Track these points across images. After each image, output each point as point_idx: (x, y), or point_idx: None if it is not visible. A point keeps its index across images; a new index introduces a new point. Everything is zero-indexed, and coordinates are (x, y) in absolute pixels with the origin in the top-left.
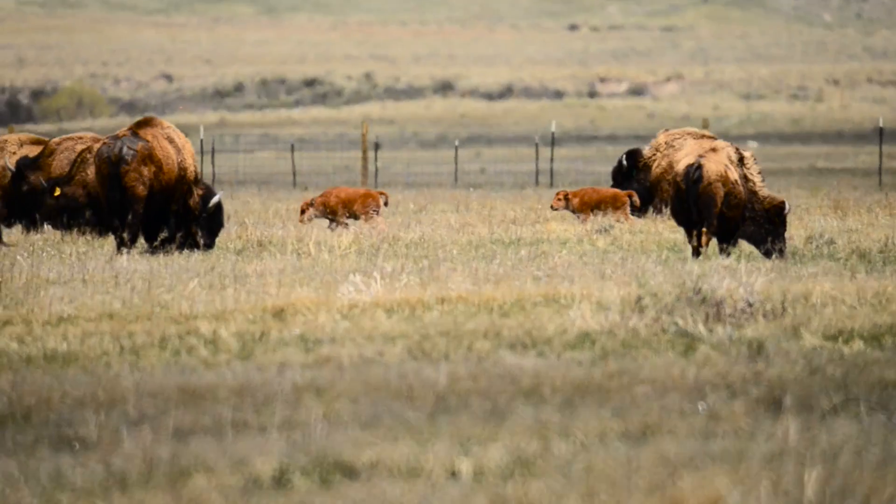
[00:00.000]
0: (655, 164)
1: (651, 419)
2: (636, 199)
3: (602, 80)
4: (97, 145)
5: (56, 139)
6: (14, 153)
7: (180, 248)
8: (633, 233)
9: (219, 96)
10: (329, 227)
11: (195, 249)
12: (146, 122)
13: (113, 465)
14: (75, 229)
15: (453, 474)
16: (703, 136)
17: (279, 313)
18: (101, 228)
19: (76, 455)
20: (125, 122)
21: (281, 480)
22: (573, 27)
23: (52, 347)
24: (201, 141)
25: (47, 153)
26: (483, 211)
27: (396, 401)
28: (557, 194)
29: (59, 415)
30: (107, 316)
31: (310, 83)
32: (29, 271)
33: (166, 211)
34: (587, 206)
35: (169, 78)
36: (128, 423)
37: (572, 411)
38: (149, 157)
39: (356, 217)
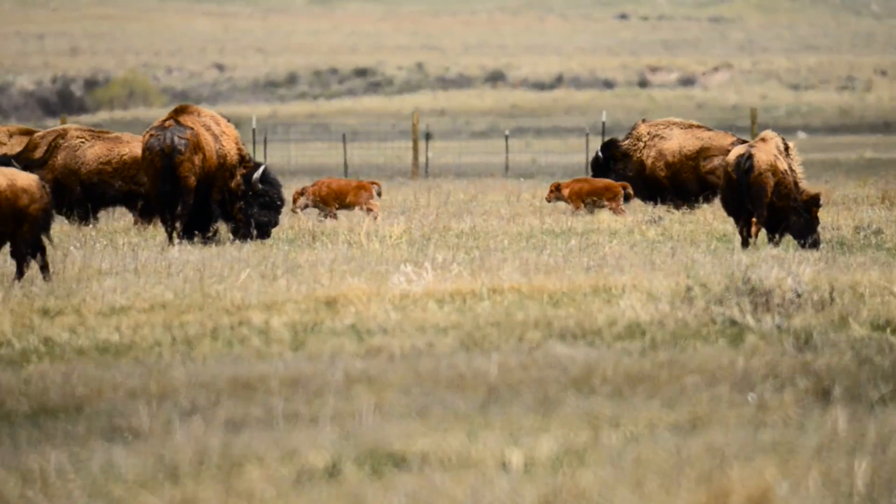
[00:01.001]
0: (641, 154)
1: (700, 409)
2: (630, 190)
3: (652, 69)
4: (79, 133)
5: (40, 133)
6: (3, 143)
7: (234, 234)
8: (683, 223)
9: (271, 86)
10: (319, 216)
11: (248, 236)
12: (184, 110)
13: (164, 456)
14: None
15: (504, 465)
16: (690, 126)
17: (331, 303)
18: (67, 213)
19: (128, 446)
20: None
21: (332, 471)
22: (623, 17)
23: (105, 338)
24: (253, 131)
25: (31, 146)
26: (534, 201)
27: (447, 391)
28: (551, 186)
29: (111, 406)
30: (159, 306)
31: (361, 73)
32: (81, 262)
33: (208, 200)
34: (578, 196)
35: (221, 68)
36: (180, 413)
37: (622, 402)
38: (197, 145)
39: (349, 208)
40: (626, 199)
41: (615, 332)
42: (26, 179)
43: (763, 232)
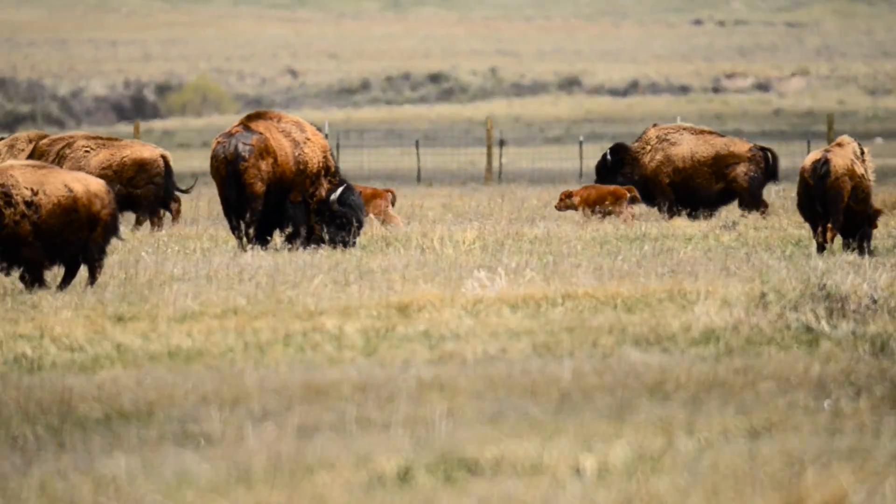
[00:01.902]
0: (648, 159)
1: (775, 416)
2: (636, 194)
3: (727, 75)
4: (85, 142)
5: (45, 140)
6: (23, 150)
7: (305, 243)
8: (758, 228)
9: (344, 92)
10: None
11: (321, 245)
12: (258, 115)
13: (237, 462)
14: None
15: (577, 471)
16: (702, 132)
17: (403, 309)
18: None
19: (200, 451)
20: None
21: (405, 477)
22: (698, 22)
23: (177, 344)
24: (326, 136)
25: (38, 155)
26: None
27: (520, 397)
28: (561, 194)
29: (184, 411)
30: (231, 312)
31: (435, 79)
32: (153, 268)
33: (283, 206)
34: (587, 203)
35: (294, 73)
36: (252, 419)
37: (696, 408)
38: (265, 150)
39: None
40: (633, 202)
41: (689, 338)
42: (97, 184)
43: (839, 237)
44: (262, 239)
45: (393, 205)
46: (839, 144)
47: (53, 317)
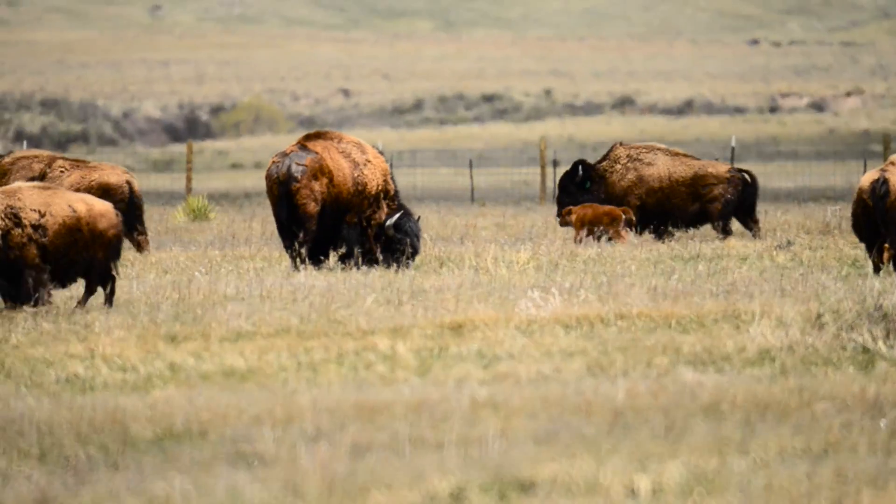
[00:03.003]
0: (618, 178)
1: (831, 436)
2: (631, 215)
3: (783, 95)
4: (56, 163)
5: (9, 158)
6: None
7: (366, 263)
8: (814, 248)
9: (397, 112)
10: None
11: (375, 265)
12: (317, 135)
13: (290, 482)
14: None
15: (632, 491)
16: (676, 154)
17: (457, 329)
18: None
19: (253, 471)
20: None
21: (458, 497)
22: (754, 42)
23: (230, 363)
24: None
25: (0, 173)
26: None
27: (574, 417)
28: (563, 211)
29: (236, 431)
30: (284, 332)
31: (488, 99)
32: (207, 287)
33: (339, 227)
34: (583, 221)
35: (347, 93)
36: (305, 439)
37: (751, 428)
38: (319, 171)
39: None
40: (629, 225)
41: (744, 359)
42: (103, 205)
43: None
44: (315, 259)
45: None
46: (892, 163)
47: (106, 337)
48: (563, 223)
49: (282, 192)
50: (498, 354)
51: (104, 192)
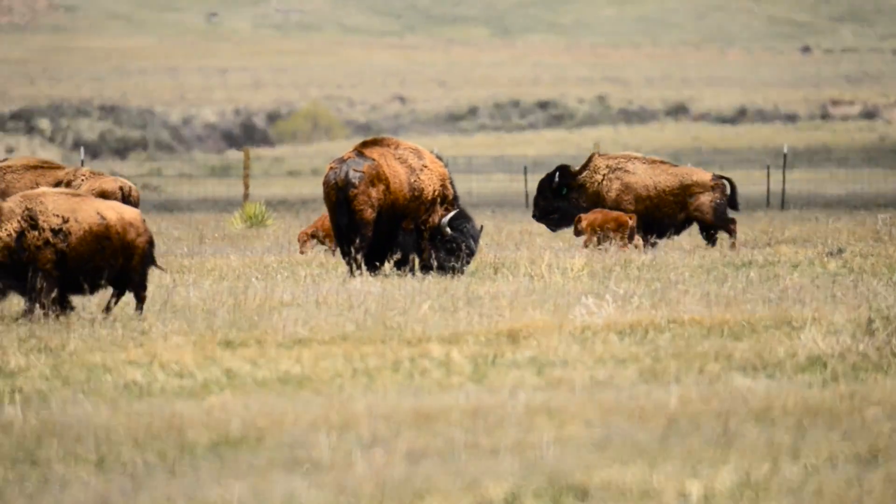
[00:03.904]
0: (600, 188)
1: (881, 442)
2: (633, 222)
3: (834, 102)
4: (28, 173)
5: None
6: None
7: (422, 269)
8: (864, 255)
9: (452, 119)
10: (326, 250)
11: (431, 272)
12: (374, 142)
13: (345, 488)
14: None
15: (684, 496)
16: (654, 162)
17: (512, 336)
18: None
19: (309, 477)
20: (356, 143)
21: (512, 502)
22: (806, 49)
23: (286, 370)
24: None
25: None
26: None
27: (628, 423)
28: (575, 219)
29: (292, 437)
30: (340, 338)
31: (543, 105)
32: (263, 293)
33: (395, 233)
34: (592, 227)
35: (403, 100)
36: (360, 445)
37: (802, 434)
38: (376, 177)
39: None
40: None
41: (796, 365)
42: (132, 213)
43: None
44: (371, 265)
45: None
46: None
47: (163, 343)
48: (577, 232)
49: (339, 198)
50: (552, 361)
51: (101, 196)
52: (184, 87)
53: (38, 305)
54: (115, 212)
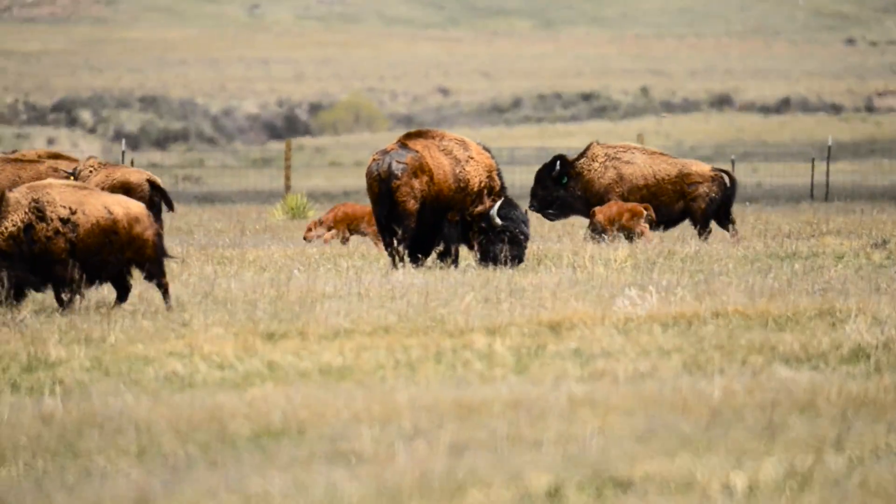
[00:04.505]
0: (597, 175)
1: None
2: (651, 212)
3: (879, 94)
4: (91, 163)
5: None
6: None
7: (482, 261)
8: None
9: (496, 110)
10: (341, 241)
11: (488, 263)
12: (418, 134)
13: (387, 480)
14: None
15: (728, 489)
16: (653, 153)
17: (555, 327)
18: None
19: (351, 469)
20: (400, 135)
21: (555, 495)
22: (851, 41)
23: (328, 361)
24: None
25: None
26: (758, 225)
27: (671, 414)
28: (591, 211)
29: (334, 429)
30: (382, 330)
31: (586, 97)
32: (305, 285)
33: (440, 224)
34: (608, 219)
35: (445, 92)
36: (403, 437)
37: (846, 425)
38: (419, 169)
39: (362, 234)
40: (649, 221)
41: (840, 356)
42: (138, 207)
43: None
44: (414, 257)
45: None
46: None
47: (204, 334)
48: (593, 226)
49: (382, 189)
50: (595, 352)
51: (125, 189)
52: (225, 79)
53: (69, 293)
54: (122, 206)
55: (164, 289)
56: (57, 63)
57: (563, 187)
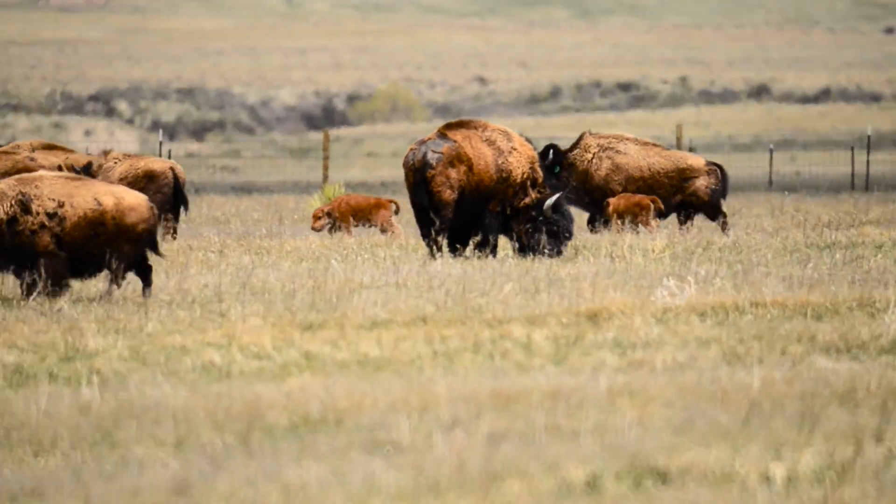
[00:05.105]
0: (590, 166)
1: None
2: (660, 204)
3: None
4: (115, 154)
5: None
6: (32, 159)
7: (519, 252)
8: None
9: (533, 100)
10: (331, 231)
11: (528, 253)
12: (459, 124)
13: (425, 470)
14: None
15: (767, 479)
16: (646, 144)
17: (593, 317)
18: None
19: (389, 459)
20: (440, 125)
21: (593, 485)
22: (890, 31)
23: (365, 352)
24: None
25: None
26: (797, 215)
27: (710, 405)
28: (604, 203)
29: (372, 419)
30: (420, 320)
31: (625, 87)
32: (343, 275)
33: (482, 214)
34: (617, 211)
35: (483, 81)
36: (441, 427)
37: (886, 416)
38: (457, 159)
39: (366, 225)
40: (659, 215)
41: (879, 346)
42: (134, 198)
43: None
44: (452, 247)
45: (396, 214)
46: None
47: (241, 325)
48: (605, 218)
49: (417, 179)
50: (633, 342)
51: (149, 178)
52: (262, 69)
53: (44, 286)
54: (114, 197)
55: (148, 281)
56: (94, 53)
57: (556, 177)
